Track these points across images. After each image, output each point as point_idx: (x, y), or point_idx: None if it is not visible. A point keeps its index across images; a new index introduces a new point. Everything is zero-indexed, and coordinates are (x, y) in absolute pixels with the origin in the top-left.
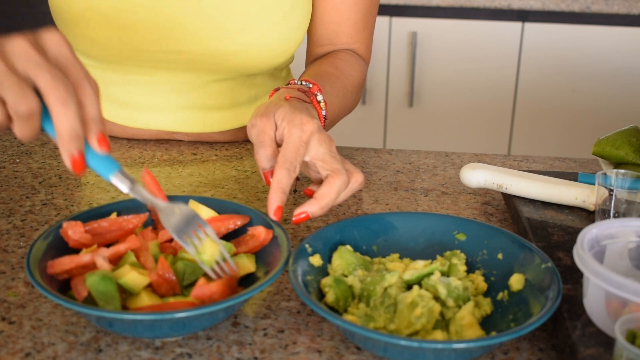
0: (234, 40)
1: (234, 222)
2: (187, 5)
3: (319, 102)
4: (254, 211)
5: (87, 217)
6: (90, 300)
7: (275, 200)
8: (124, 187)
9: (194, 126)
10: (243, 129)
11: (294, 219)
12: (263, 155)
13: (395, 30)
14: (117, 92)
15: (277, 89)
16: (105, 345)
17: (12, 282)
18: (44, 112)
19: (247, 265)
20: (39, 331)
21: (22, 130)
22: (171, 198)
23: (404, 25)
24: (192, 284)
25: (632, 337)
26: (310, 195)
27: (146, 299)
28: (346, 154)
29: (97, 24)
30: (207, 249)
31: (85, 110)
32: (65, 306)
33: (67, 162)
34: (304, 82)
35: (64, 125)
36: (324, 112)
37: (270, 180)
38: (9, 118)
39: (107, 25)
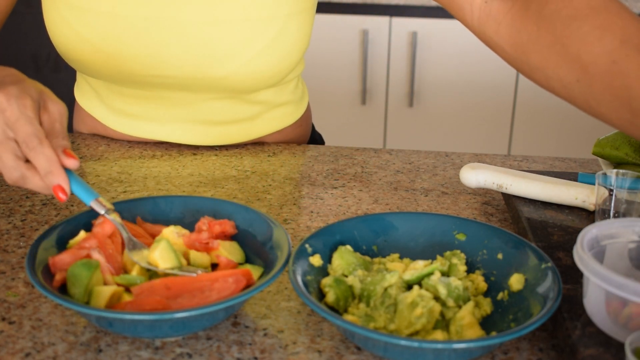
0: (221, 66)
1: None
2: (170, 33)
3: None
4: (254, 211)
5: (87, 217)
6: (64, 290)
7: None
8: (101, 211)
9: (195, 139)
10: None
11: None
12: None
13: (395, 30)
14: (118, 103)
15: None
16: (105, 345)
17: (12, 282)
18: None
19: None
20: (39, 331)
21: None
22: (171, 198)
23: (404, 25)
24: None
25: None
26: None
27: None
28: (346, 154)
29: (85, 51)
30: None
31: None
32: (65, 306)
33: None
34: None
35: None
36: None
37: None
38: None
39: (95, 52)
